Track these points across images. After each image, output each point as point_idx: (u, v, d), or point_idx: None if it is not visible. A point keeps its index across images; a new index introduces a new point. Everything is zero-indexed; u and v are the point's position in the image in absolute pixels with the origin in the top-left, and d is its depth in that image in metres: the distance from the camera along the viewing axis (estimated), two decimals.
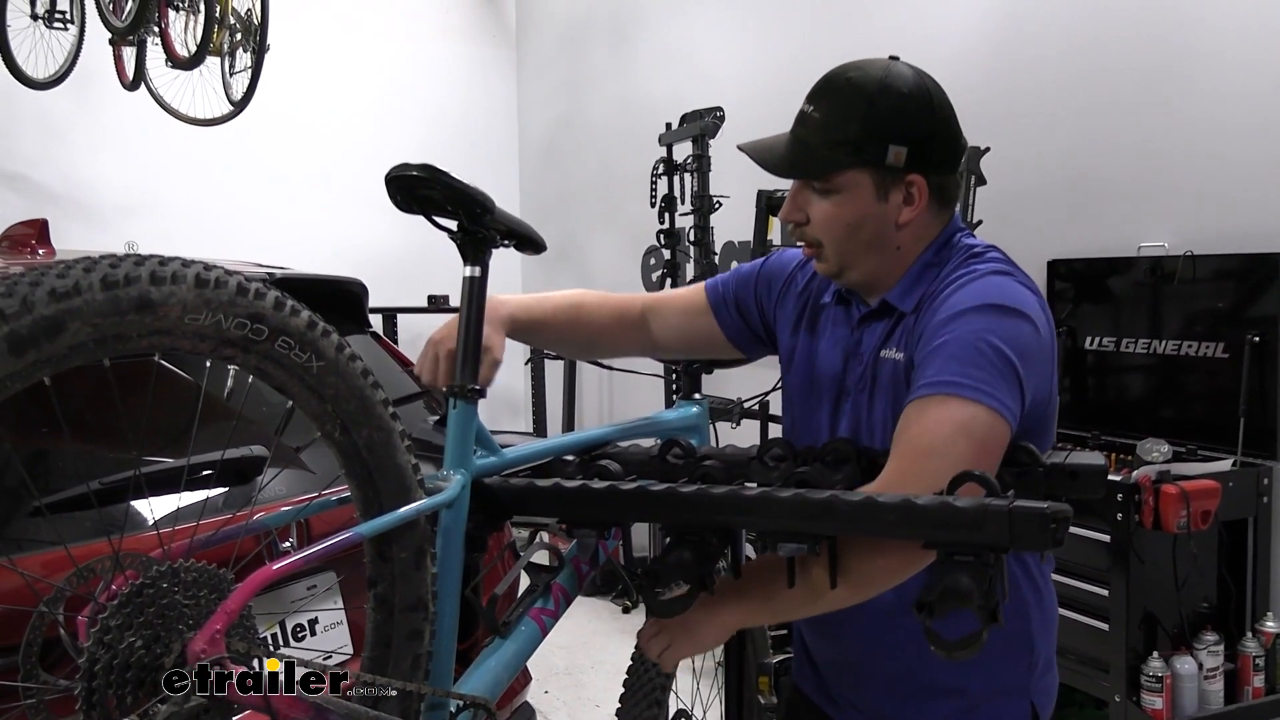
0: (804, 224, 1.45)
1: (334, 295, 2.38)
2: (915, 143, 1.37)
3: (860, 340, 1.52)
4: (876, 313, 1.50)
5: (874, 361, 1.48)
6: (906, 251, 1.45)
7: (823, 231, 1.44)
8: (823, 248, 1.45)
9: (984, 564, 1.09)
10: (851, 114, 1.37)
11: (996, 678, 1.49)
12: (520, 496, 1.40)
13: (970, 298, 1.34)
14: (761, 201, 3.76)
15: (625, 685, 1.90)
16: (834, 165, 1.39)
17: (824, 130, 1.40)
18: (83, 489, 1.52)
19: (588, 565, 1.59)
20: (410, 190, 1.35)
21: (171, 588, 1.02)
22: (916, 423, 1.28)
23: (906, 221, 1.41)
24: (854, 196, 1.40)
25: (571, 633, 4.51)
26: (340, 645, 1.90)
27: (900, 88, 1.38)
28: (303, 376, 1.14)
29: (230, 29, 4.62)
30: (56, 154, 5.50)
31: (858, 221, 1.41)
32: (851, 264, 1.45)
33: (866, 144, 1.37)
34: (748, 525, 1.48)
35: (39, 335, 0.90)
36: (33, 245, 2.28)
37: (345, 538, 1.17)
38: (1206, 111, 2.99)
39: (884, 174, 1.38)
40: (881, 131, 1.37)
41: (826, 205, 1.42)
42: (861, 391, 1.49)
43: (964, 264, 1.42)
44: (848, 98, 1.39)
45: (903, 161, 1.37)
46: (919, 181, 1.39)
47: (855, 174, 1.39)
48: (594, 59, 6.23)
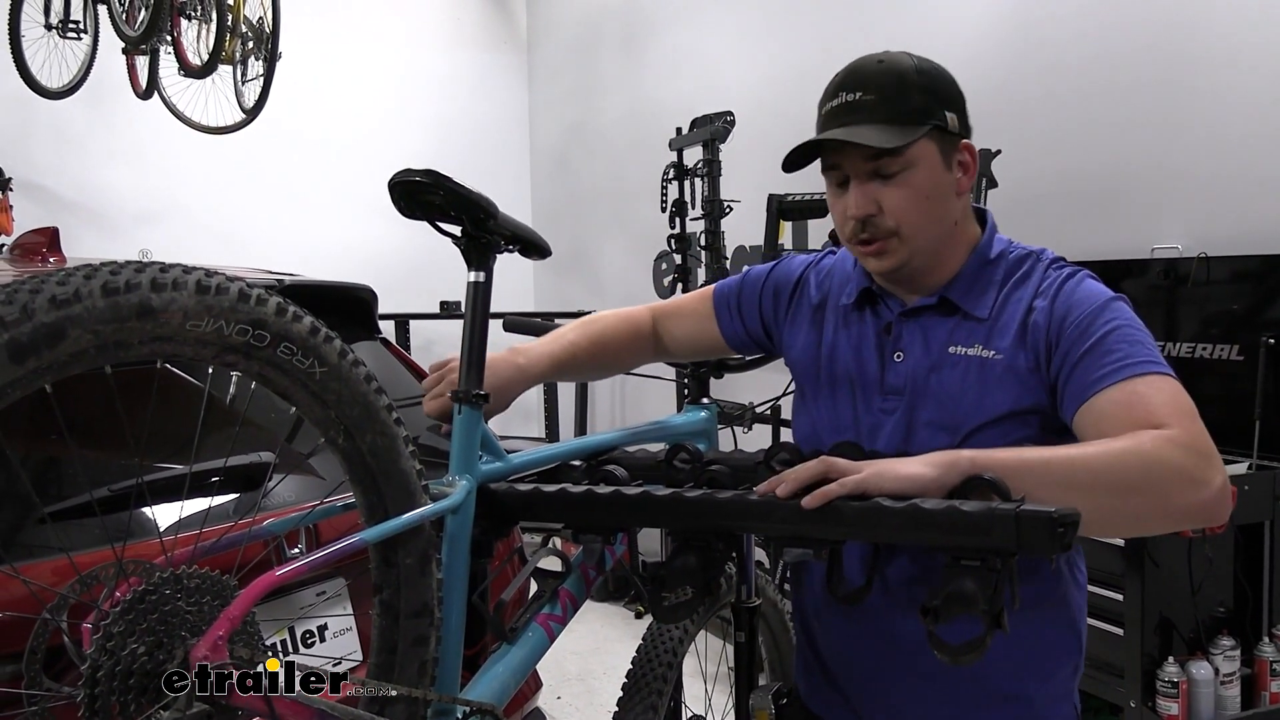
0: (876, 214, 1.41)
1: (344, 301, 2.38)
2: (959, 109, 1.41)
3: (900, 336, 1.49)
4: (932, 308, 1.47)
5: (938, 357, 1.44)
6: (960, 230, 1.46)
7: (901, 213, 1.39)
8: (895, 236, 1.41)
9: (990, 569, 1.08)
10: (909, 86, 1.38)
11: (1053, 681, 1.48)
12: (526, 502, 1.39)
13: (1099, 292, 1.38)
14: (772, 205, 3.75)
15: (624, 688, 1.89)
16: (913, 135, 1.36)
17: (888, 107, 1.37)
18: (86, 497, 1.52)
19: (595, 570, 1.59)
20: (414, 196, 1.35)
21: (174, 594, 1.02)
22: (1151, 395, 1.26)
23: (963, 191, 1.43)
24: (927, 167, 1.39)
25: (584, 638, 4.50)
26: (350, 651, 1.90)
27: (930, 62, 1.42)
28: (305, 382, 1.14)
29: (242, 38, 4.64)
30: (70, 163, 5.54)
31: (934, 193, 1.40)
32: (921, 246, 1.42)
33: (931, 112, 1.38)
34: (752, 530, 1.48)
35: (40, 342, 0.90)
36: (44, 253, 2.29)
37: (350, 544, 1.17)
38: (1219, 113, 2.97)
39: (945, 141, 1.40)
40: (937, 98, 1.39)
41: (902, 183, 1.38)
42: (914, 389, 1.45)
43: (1049, 267, 1.44)
44: (898, 75, 1.38)
45: (957, 127, 1.40)
46: (971, 149, 1.42)
47: (926, 143, 1.38)
48: (605, 65, 6.24)
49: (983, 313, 1.44)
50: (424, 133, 6.45)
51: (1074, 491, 1.15)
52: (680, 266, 4.61)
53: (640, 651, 1.94)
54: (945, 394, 1.42)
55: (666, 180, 4.59)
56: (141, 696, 0.98)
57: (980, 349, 1.42)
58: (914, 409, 1.44)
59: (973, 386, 1.40)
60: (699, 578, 1.27)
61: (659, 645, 1.93)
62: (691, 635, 1.99)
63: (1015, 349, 1.39)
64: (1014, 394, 1.38)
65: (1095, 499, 1.16)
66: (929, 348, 1.46)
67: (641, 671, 1.89)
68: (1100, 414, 1.28)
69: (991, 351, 1.41)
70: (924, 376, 1.45)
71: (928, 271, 1.46)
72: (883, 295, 1.53)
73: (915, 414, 1.44)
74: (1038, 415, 1.38)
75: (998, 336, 1.41)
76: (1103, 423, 1.27)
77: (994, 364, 1.40)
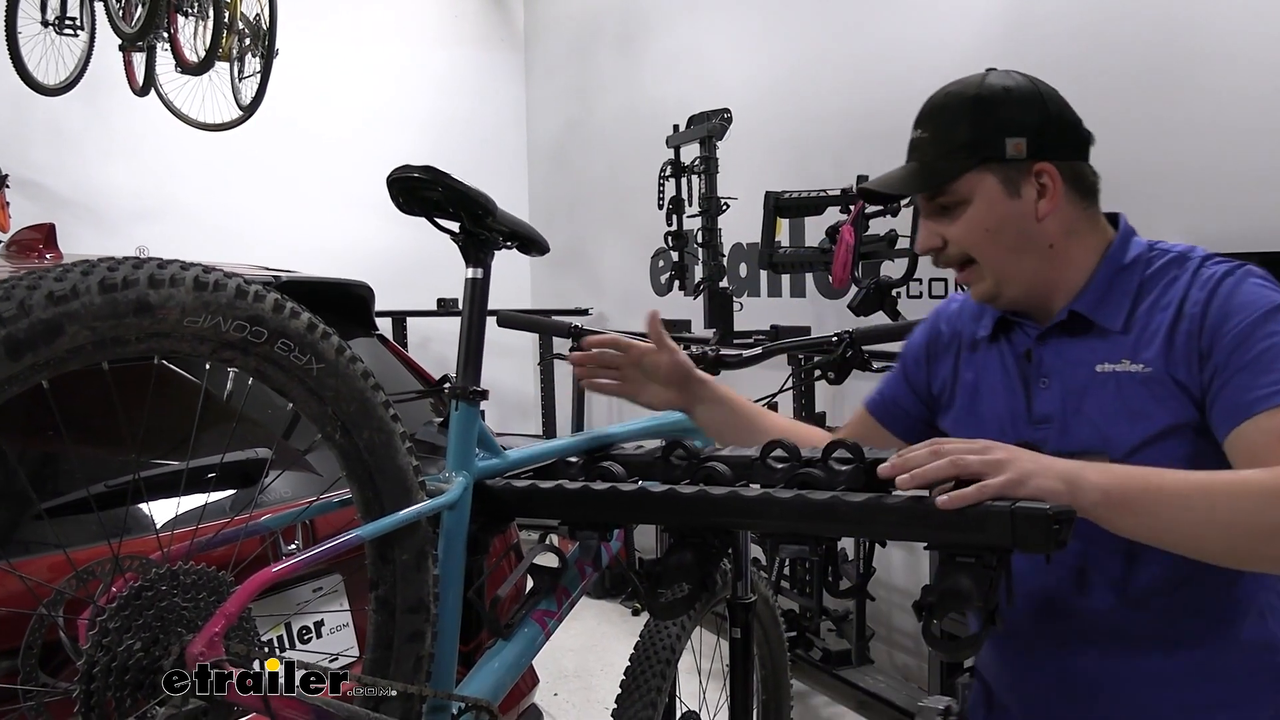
0: (941, 249, 1.40)
1: (340, 298, 2.38)
2: (1033, 131, 1.34)
3: (1042, 361, 1.41)
4: (1064, 326, 1.39)
5: (1086, 378, 1.36)
6: (1065, 249, 1.38)
7: (966, 245, 1.38)
8: (974, 264, 1.39)
9: (985, 565, 1.08)
10: (958, 119, 1.35)
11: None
12: (522, 498, 1.39)
13: (1262, 298, 1.26)
14: (769, 203, 3.75)
15: (622, 685, 1.90)
16: (951, 173, 1.35)
17: (936, 145, 1.37)
18: (83, 493, 1.52)
19: (591, 567, 1.59)
20: (412, 192, 1.35)
21: (171, 590, 1.02)
22: None
23: (1047, 214, 1.35)
24: (984, 199, 1.35)
25: (581, 635, 4.51)
26: (347, 647, 1.90)
27: (1000, 84, 1.36)
28: (302, 379, 1.14)
29: (239, 34, 4.64)
30: (68, 160, 5.53)
31: (996, 225, 1.36)
32: (1007, 275, 1.38)
33: (982, 143, 1.34)
34: (748, 527, 1.48)
35: (36, 339, 0.90)
36: (40, 249, 2.29)
37: (346, 540, 1.17)
38: (1219, 111, 2.98)
39: (1008, 169, 1.34)
40: (994, 126, 1.34)
41: (960, 218, 1.37)
42: (1065, 414, 1.38)
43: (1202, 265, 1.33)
44: (952, 108, 1.37)
45: (1024, 152, 1.33)
46: (1049, 169, 1.34)
47: (977, 176, 1.35)
48: (602, 63, 6.24)
49: (1116, 324, 1.35)
50: (421, 130, 6.45)
51: (1213, 528, 1.11)
52: (677, 264, 4.62)
53: (638, 649, 1.95)
54: (1099, 415, 1.34)
55: (664, 177, 4.60)
56: (138, 692, 0.99)
57: (1127, 363, 1.33)
58: (1066, 434, 1.36)
59: (1125, 404, 1.32)
60: (695, 574, 1.27)
61: (657, 642, 1.93)
62: (688, 632, 1.99)
63: (1164, 359, 1.30)
64: (1169, 408, 1.29)
65: (1232, 539, 1.11)
66: (1073, 369, 1.38)
67: (640, 669, 1.90)
68: (1253, 442, 1.19)
69: (1139, 365, 1.31)
70: (1075, 400, 1.37)
71: (1042, 294, 1.40)
72: (1018, 321, 1.46)
73: (1069, 439, 1.35)
74: (1194, 430, 1.27)
75: (1144, 348, 1.32)
76: (1258, 453, 1.17)
77: (1143, 378, 1.31)
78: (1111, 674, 1.35)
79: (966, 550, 1.09)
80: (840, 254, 3.44)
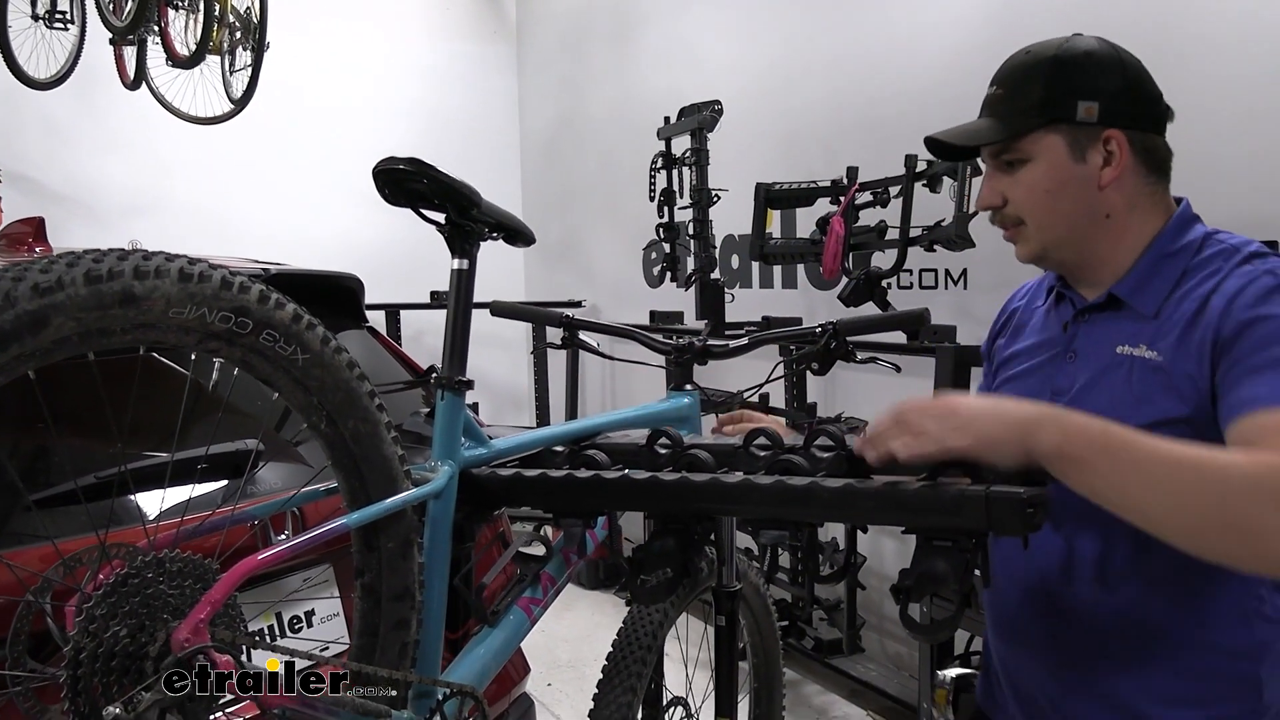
0: (1001, 206, 1.40)
1: (331, 290, 2.39)
2: (1107, 96, 1.33)
3: (1076, 336, 1.42)
4: (1102, 306, 1.39)
5: (1108, 359, 1.35)
6: (1123, 223, 1.37)
7: (1023, 206, 1.37)
8: (1024, 225, 1.39)
9: (961, 549, 1.10)
10: (1034, 78, 1.35)
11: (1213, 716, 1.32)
12: (507, 486, 1.41)
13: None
14: (760, 194, 3.76)
15: (604, 671, 1.92)
16: (1021, 129, 1.34)
17: (1008, 101, 1.37)
18: (70, 485, 1.53)
19: (576, 554, 1.61)
20: (399, 183, 1.37)
21: (157, 578, 1.04)
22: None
23: (1109, 182, 1.34)
24: (1048, 160, 1.34)
25: (574, 625, 4.53)
26: (338, 636, 1.92)
27: (1083, 47, 1.35)
28: (288, 369, 1.16)
29: (230, 27, 4.63)
30: (59, 154, 5.52)
31: (1057, 187, 1.35)
32: (1058, 239, 1.38)
33: (1053, 103, 1.33)
34: (730, 512, 1.50)
35: (22, 330, 0.91)
36: (30, 243, 2.30)
37: (332, 528, 1.19)
38: (1210, 100, 2.99)
39: (1077, 132, 1.33)
40: (1067, 88, 1.33)
41: (1022, 177, 1.37)
42: (1078, 391, 1.37)
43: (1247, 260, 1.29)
44: (1029, 66, 1.37)
45: (1095, 116, 1.32)
46: (1117, 137, 1.33)
47: (1046, 136, 1.34)
48: (594, 55, 6.24)
49: (1149, 310, 1.33)
50: (413, 123, 6.44)
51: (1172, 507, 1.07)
52: (669, 256, 4.63)
53: (620, 635, 1.97)
54: (1106, 398, 1.32)
55: (655, 169, 4.60)
56: (124, 677, 1.00)
57: (1144, 349, 1.31)
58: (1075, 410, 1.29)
59: (1132, 389, 1.31)
60: (677, 560, 1.29)
61: (638, 628, 1.95)
62: (671, 619, 2.01)
63: (1175, 350, 1.28)
64: (1167, 402, 1.27)
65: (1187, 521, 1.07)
66: (1099, 347, 1.37)
67: (621, 655, 1.92)
68: (1249, 437, 1.14)
69: (1154, 352, 1.30)
70: (1093, 379, 1.36)
71: (1091, 266, 1.40)
72: (1067, 293, 1.46)
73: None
74: (1190, 426, 1.24)
75: (1163, 336, 1.30)
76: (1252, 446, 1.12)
77: (1154, 365, 1.30)
78: (1090, 661, 1.36)
79: (943, 534, 1.11)
80: (830, 245, 3.44)
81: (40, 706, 1.06)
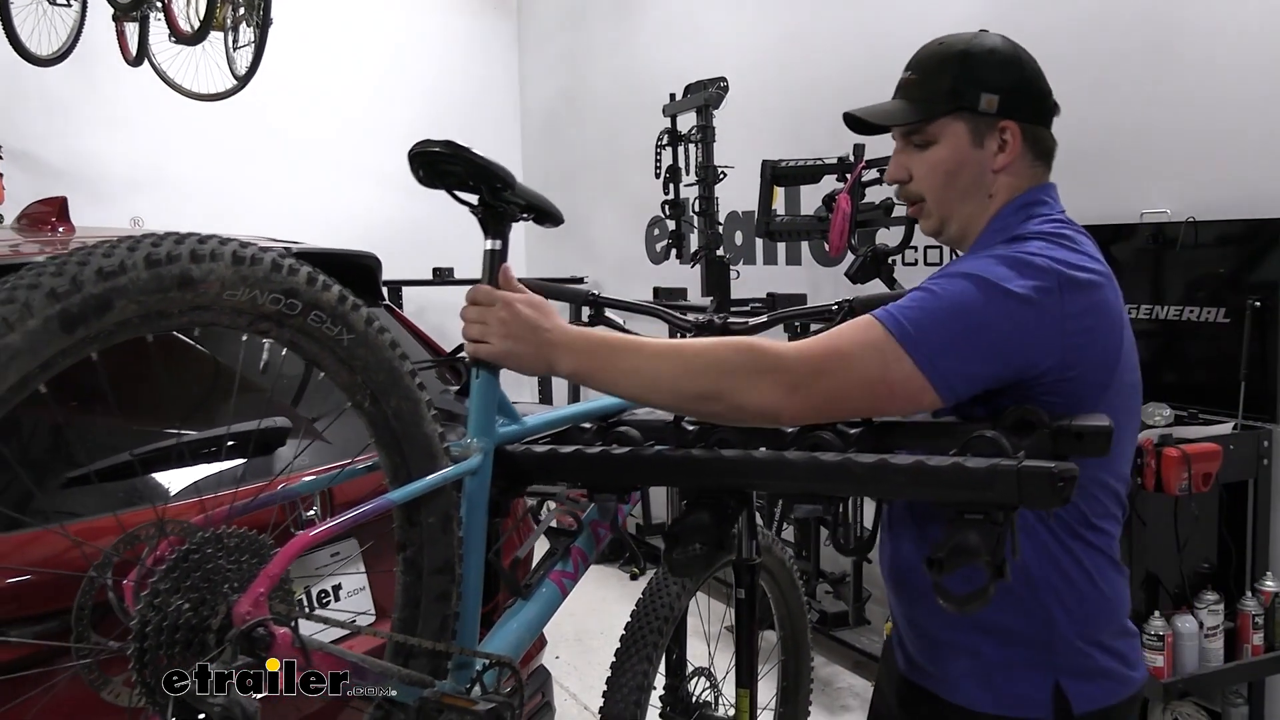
0: (906, 181, 1.52)
1: (348, 269, 2.40)
2: (1006, 91, 1.46)
3: None
4: None
5: None
6: (997, 201, 1.50)
7: (925, 183, 1.50)
8: (924, 202, 1.52)
9: (993, 522, 1.13)
10: (946, 68, 1.47)
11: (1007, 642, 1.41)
12: (543, 463, 1.44)
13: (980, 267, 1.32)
14: (766, 171, 3.78)
15: (621, 640, 1.96)
16: (932, 113, 1.47)
17: (921, 87, 1.49)
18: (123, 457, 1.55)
19: (605, 529, 1.64)
20: (433, 166, 1.38)
21: (216, 553, 1.07)
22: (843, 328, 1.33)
23: (1002, 167, 1.47)
24: (951, 144, 1.47)
25: (580, 600, 4.51)
26: (365, 609, 1.95)
27: (988, 44, 1.49)
28: (334, 349, 1.18)
29: (233, 4, 4.62)
30: (62, 131, 5.52)
31: (956, 168, 1.48)
32: (950, 214, 1.51)
33: (959, 93, 1.45)
34: (763, 488, 1.53)
35: (89, 312, 0.94)
36: (52, 223, 2.31)
37: (378, 504, 1.21)
38: (1208, 78, 3.01)
39: (978, 120, 1.46)
40: (974, 80, 1.45)
41: (927, 156, 1.49)
42: None
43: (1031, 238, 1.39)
44: (941, 56, 1.49)
45: (995, 108, 1.45)
46: (1012, 127, 1.46)
47: (952, 122, 1.46)
48: (596, 30, 6.23)
49: None
50: (414, 98, 6.43)
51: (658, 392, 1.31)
52: (674, 232, 4.64)
53: (639, 605, 2.00)
54: None
55: (660, 146, 4.61)
56: (187, 650, 1.03)
57: None
58: None
59: None
60: (712, 534, 1.32)
61: (656, 599, 1.98)
62: (691, 591, 2.05)
63: None
64: None
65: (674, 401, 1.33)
66: None
67: (639, 624, 1.95)
68: None
69: None
70: None
71: (968, 239, 1.52)
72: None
73: None
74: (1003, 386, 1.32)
75: None
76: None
77: None
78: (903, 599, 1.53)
79: (975, 508, 1.14)
80: (836, 222, 3.47)
81: (104, 678, 1.09)
